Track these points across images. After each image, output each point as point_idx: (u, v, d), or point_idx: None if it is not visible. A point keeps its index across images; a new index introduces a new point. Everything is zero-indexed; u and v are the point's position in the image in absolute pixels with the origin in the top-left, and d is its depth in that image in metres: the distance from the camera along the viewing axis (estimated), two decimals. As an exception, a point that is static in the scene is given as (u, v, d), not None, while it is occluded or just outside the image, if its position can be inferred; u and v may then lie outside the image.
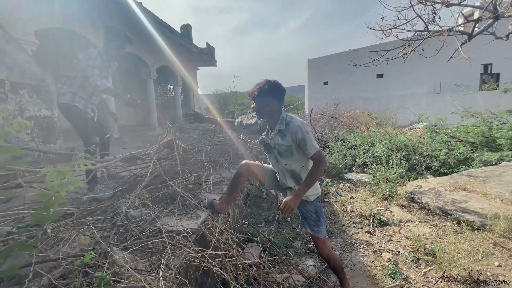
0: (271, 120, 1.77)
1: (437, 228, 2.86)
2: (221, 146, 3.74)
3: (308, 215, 1.78)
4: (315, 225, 1.76)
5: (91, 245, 1.38)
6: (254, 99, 1.70)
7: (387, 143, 5.21)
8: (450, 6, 3.56)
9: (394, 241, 2.69)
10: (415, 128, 8.91)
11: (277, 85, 1.68)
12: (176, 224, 1.63)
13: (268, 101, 1.68)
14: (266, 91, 1.65)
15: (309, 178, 1.63)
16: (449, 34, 3.62)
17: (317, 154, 1.60)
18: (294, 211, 1.62)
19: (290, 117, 1.71)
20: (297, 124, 1.64)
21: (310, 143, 1.60)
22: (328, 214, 3.34)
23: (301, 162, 1.73)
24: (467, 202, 3.11)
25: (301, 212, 1.82)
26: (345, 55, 15.36)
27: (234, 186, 1.88)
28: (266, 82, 1.67)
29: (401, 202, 3.55)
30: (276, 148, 1.75)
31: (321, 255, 1.82)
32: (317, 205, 1.77)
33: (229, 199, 1.93)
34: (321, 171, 1.63)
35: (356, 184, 4.45)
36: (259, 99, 1.68)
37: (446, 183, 3.72)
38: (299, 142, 1.63)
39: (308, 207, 1.77)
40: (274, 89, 1.67)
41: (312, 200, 1.75)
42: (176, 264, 1.31)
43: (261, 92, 1.65)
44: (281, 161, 1.76)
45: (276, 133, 1.73)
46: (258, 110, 1.73)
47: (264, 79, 1.69)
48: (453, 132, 5.57)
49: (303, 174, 1.74)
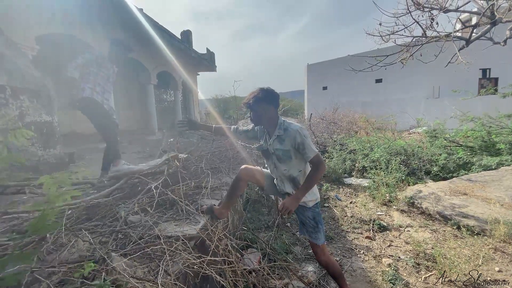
0: (269, 126, 1.78)
1: (437, 233, 2.85)
2: (221, 153, 3.75)
3: (306, 221, 1.77)
4: (314, 232, 1.76)
5: (90, 251, 1.37)
6: (250, 108, 1.73)
7: (386, 147, 5.22)
8: (447, 12, 3.60)
9: (394, 246, 2.68)
10: (414, 133, 8.93)
11: (271, 92, 1.71)
12: (175, 230, 1.62)
13: (264, 107, 1.70)
14: (261, 99, 1.68)
15: (308, 180, 1.64)
16: (447, 40, 3.66)
17: (316, 157, 1.62)
18: (292, 214, 1.63)
19: (288, 123, 1.74)
20: (296, 129, 1.67)
21: (309, 146, 1.63)
22: (328, 219, 3.33)
23: (299, 167, 1.75)
24: (467, 206, 3.11)
25: (300, 218, 1.82)
26: (344, 60, 15.46)
27: (234, 191, 1.89)
28: (260, 90, 1.70)
29: (401, 207, 3.55)
30: (275, 154, 1.76)
31: (320, 262, 1.81)
32: (315, 211, 1.77)
33: (228, 204, 1.93)
34: (320, 174, 1.65)
35: (355, 189, 4.44)
36: (256, 107, 1.71)
37: (445, 188, 3.72)
38: (297, 146, 1.65)
39: (306, 213, 1.76)
40: (269, 96, 1.70)
41: (310, 206, 1.75)
42: (175, 270, 1.30)
43: (256, 100, 1.68)
44: (280, 166, 1.77)
45: (275, 139, 1.75)
46: (256, 118, 1.76)
47: (258, 88, 1.72)
48: (452, 136, 5.59)
49: (301, 179, 1.75)
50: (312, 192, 1.72)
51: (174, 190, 2.03)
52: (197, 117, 12.92)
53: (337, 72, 16.20)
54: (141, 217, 1.73)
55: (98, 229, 1.58)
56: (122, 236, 1.52)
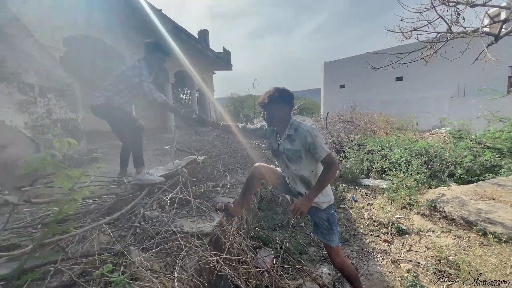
0: (280, 126, 1.77)
1: (461, 239, 2.72)
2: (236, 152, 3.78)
3: (320, 222, 1.74)
4: (328, 233, 1.72)
5: (110, 244, 1.43)
6: (265, 108, 1.72)
7: (406, 148, 5.03)
8: (474, 6, 3.40)
9: (414, 251, 2.58)
10: (437, 133, 8.56)
11: (286, 92, 1.70)
12: (191, 226, 1.65)
13: (279, 108, 1.69)
14: (276, 99, 1.67)
15: (321, 180, 1.60)
16: (474, 36, 3.46)
17: (328, 156, 1.58)
18: (304, 214, 1.60)
19: (299, 122, 1.72)
20: (306, 129, 1.64)
21: (320, 146, 1.59)
22: (344, 221, 3.27)
23: (310, 167, 1.71)
24: (494, 212, 2.93)
25: (313, 219, 1.79)
26: (362, 58, 15.08)
27: (248, 189, 1.89)
28: (276, 89, 1.69)
29: (422, 210, 3.41)
30: (285, 153, 1.74)
31: (334, 264, 1.77)
32: (330, 212, 1.73)
33: (243, 202, 1.93)
34: (333, 174, 1.60)
35: (373, 191, 4.32)
36: (271, 107, 1.70)
37: (471, 192, 3.54)
38: (308, 147, 1.62)
39: (320, 214, 1.73)
40: (284, 95, 1.69)
41: (324, 207, 1.71)
42: (191, 266, 1.32)
43: (272, 99, 1.68)
44: (290, 166, 1.75)
45: (285, 138, 1.73)
46: (270, 117, 1.74)
47: (273, 87, 1.71)
48: (478, 137, 5.29)
49: (313, 180, 1.71)
50: (326, 193, 1.69)
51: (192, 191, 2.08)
52: (212, 115, 13.08)
53: (355, 70, 15.82)
54: (158, 213, 1.78)
55: (118, 223, 1.63)
56: (140, 231, 1.57)
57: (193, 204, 1.89)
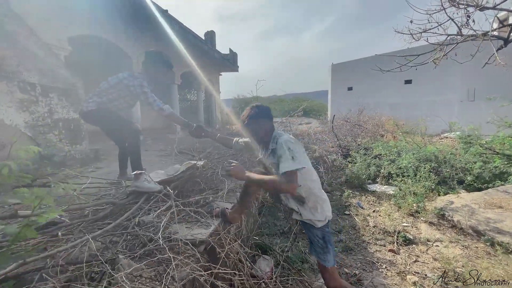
0: (266, 141, 1.73)
1: (468, 250, 2.59)
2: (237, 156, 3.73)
3: (315, 239, 1.65)
4: (322, 252, 1.63)
5: (100, 250, 1.38)
6: (247, 126, 1.73)
7: (414, 153, 4.88)
8: (484, 9, 3.28)
9: (420, 262, 2.47)
10: (446, 138, 8.34)
11: (261, 106, 1.74)
12: (185, 233, 1.59)
13: (259, 123, 1.71)
14: (255, 115, 1.70)
15: (266, 178, 1.55)
16: (484, 39, 3.33)
17: (288, 174, 1.45)
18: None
19: (280, 134, 1.68)
20: (281, 141, 1.57)
21: (286, 160, 1.47)
22: (349, 229, 3.16)
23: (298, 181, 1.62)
24: (502, 221, 2.80)
25: (308, 235, 1.72)
26: (371, 60, 14.85)
27: (246, 195, 1.82)
28: (251, 107, 1.74)
29: (430, 218, 3.28)
30: (272, 167, 1.69)
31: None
32: (325, 230, 1.64)
33: (241, 208, 1.87)
34: (275, 186, 1.52)
35: (380, 197, 4.19)
36: (252, 123, 1.71)
37: (480, 200, 3.39)
38: (278, 160, 1.54)
39: (314, 231, 1.65)
40: (260, 110, 1.72)
41: (319, 226, 1.63)
42: (183, 277, 1.26)
43: (251, 117, 1.70)
44: None
45: (270, 153, 1.69)
46: (255, 134, 1.74)
47: (249, 106, 1.77)
48: (488, 143, 5.11)
49: (305, 194, 1.62)
50: (321, 210, 1.62)
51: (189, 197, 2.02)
52: (218, 116, 13.08)
53: (363, 72, 15.60)
54: (153, 219, 1.72)
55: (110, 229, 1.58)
56: (131, 238, 1.52)
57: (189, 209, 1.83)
